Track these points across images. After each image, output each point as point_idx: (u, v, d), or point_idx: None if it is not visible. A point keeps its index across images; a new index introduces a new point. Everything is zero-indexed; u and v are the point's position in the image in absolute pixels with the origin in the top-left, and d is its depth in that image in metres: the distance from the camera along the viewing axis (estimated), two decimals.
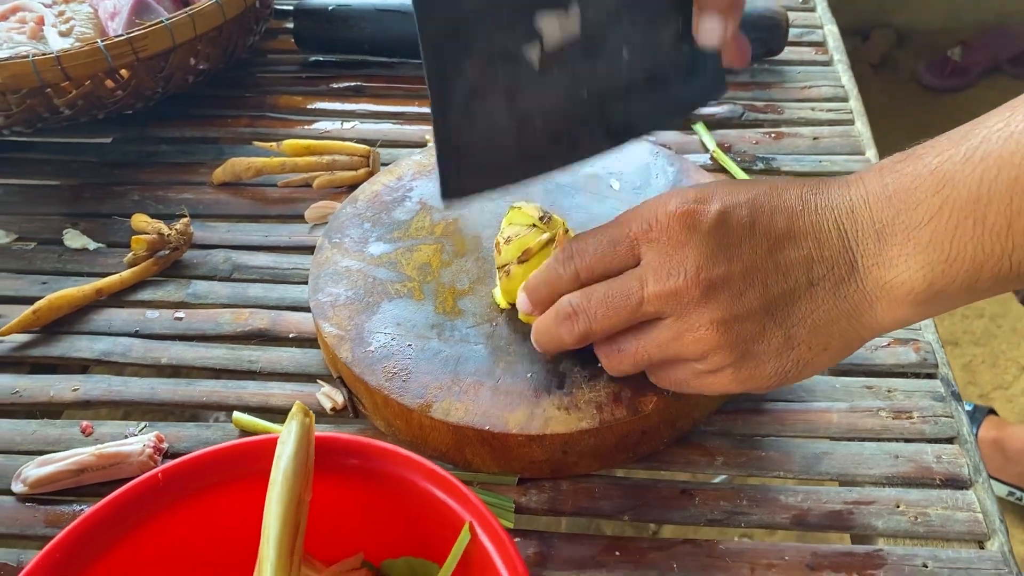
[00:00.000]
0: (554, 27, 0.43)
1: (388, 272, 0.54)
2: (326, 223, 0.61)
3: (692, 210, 0.39)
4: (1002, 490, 1.21)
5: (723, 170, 0.67)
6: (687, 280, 0.39)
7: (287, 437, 0.38)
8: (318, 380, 0.53)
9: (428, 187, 0.60)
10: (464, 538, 0.36)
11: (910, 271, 0.37)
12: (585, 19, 0.44)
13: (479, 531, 0.36)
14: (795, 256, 0.38)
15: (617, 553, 0.44)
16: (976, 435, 1.22)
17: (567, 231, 0.49)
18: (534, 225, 0.49)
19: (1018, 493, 1.21)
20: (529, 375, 0.47)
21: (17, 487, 0.48)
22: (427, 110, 0.74)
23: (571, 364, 0.48)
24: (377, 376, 0.48)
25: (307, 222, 0.64)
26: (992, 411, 1.26)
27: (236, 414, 0.51)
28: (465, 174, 0.45)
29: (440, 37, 0.41)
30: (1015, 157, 0.33)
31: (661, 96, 0.48)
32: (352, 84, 0.78)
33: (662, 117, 0.50)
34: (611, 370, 0.45)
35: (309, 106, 0.76)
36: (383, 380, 0.48)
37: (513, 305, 0.50)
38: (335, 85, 0.79)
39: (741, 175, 0.65)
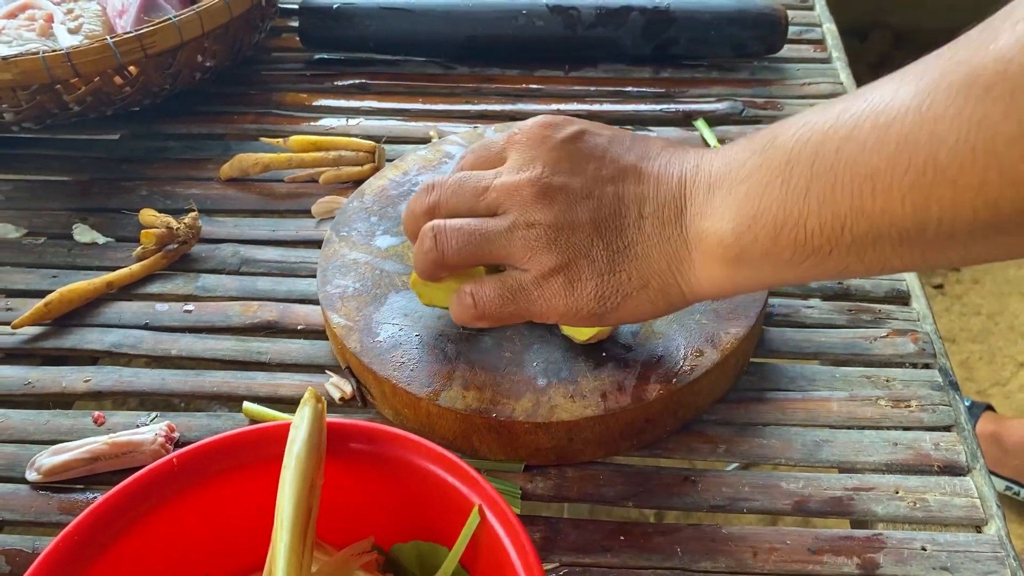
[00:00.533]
0: None
1: (395, 264, 0.55)
2: (333, 217, 0.62)
3: (555, 122, 0.43)
4: (1000, 485, 1.22)
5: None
6: (530, 178, 0.42)
7: (300, 422, 0.38)
8: (327, 371, 0.54)
9: None
10: (473, 521, 0.37)
11: (723, 221, 0.38)
12: None
13: (489, 514, 0.37)
14: (633, 190, 0.41)
15: (622, 538, 0.45)
16: (974, 430, 1.24)
17: None
18: None
19: (1016, 488, 1.22)
20: (535, 363, 0.48)
21: (31, 475, 0.49)
22: (431, 107, 0.75)
23: (576, 353, 0.49)
24: (385, 366, 0.49)
25: (314, 216, 0.65)
26: (989, 407, 1.27)
27: (246, 404, 0.51)
28: None
29: None
30: (826, 124, 0.35)
31: None
32: (357, 81, 0.79)
33: None
34: (441, 252, 0.44)
35: (314, 103, 0.77)
36: (391, 370, 0.48)
37: None
38: (340, 82, 0.79)
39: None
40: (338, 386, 0.52)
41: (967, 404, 1.26)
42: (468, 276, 0.46)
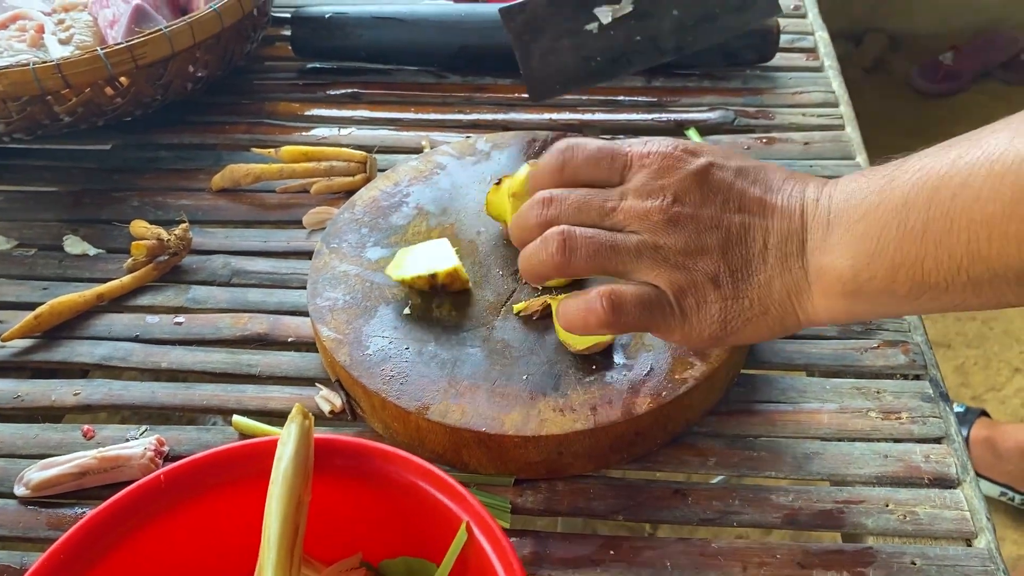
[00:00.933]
0: (607, 13, 0.66)
1: (385, 277, 0.55)
2: (324, 228, 0.62)
3: (687, 153, 0.43)
4: (994, 490, 1.22)
5: None
6: (660, 206, 0.42)
7: (287, 439, 0.38)
8: (317, 384, 0.53)
9: (425, 192, 0.61)
10: (461, 538, 0.37)
11: (842, 259, 0.39)
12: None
13: (476, 531, 0.37)
14: (759, 222, 0.42)
15: (612, 552, 0.45)
16: (968, 436, 1.24)
17: None
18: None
19: (1010, 493, 1.22)
20: (525, 377, 0.48)
21: (19, 490, 0.48)
22: (423, 116, 0.76)
23: (566, 366, 0.49)
24: (375, 379, 0.48)
25: (305, 227, 0.65)
26: (984, 412, 1.27)
27: (236, 417, 0.51)
28: (542, 90, 0.69)
29: (519, 30, 0.68)
30: (941, 170, 0.36)
31: (711, 26, 0.65)
32: (349, 91, 0.79)
33: (711, 39, 0.66)
34: (568, 256, 0.43)
35: (306, 113, 0.77)
36: (381, 383, 0.48)
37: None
38: (332, 92, 0.79)
39: None
40: (328, 399, 0.52)
41: (962, 409, 1.26)
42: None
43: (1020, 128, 0.35)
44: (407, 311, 0.52)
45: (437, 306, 0.53)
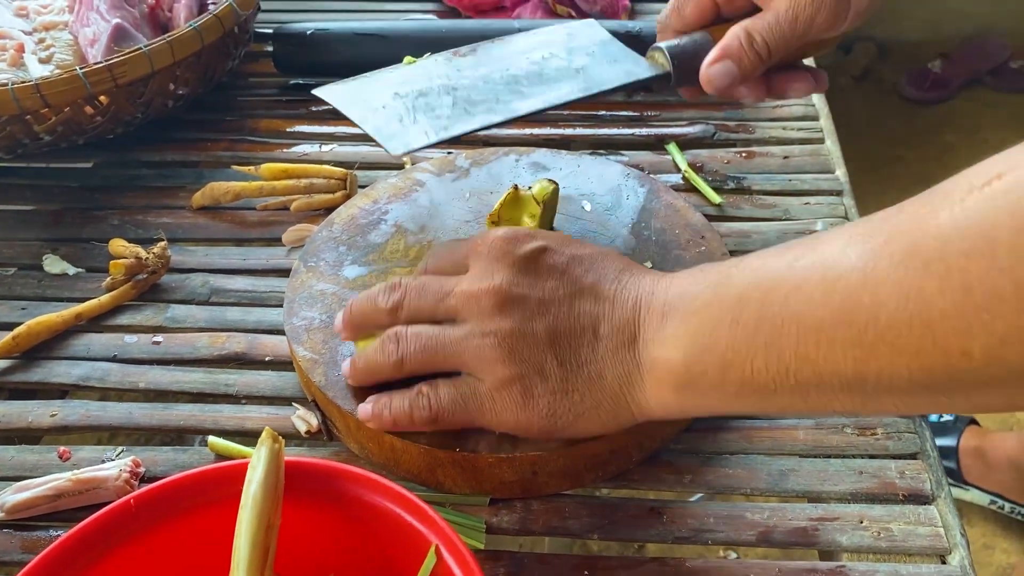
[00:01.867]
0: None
1: None
2: (303, 246, 0.62)
3: (518, 238, 0.45)
4: (984, 499, 1.23)
5: (695, 190, 0.68)
6: (490, 288, 0.43)
7: (257, 463, 0.38)
8: (293, 403, 0.53)
9: (403, 210, 0.61)
10: (430, 561, 0.37)
11: (675, 351, 0.39)
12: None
13: (445, 553, 0.37)
14: (590, 309, 0.42)
15: (586, 572, 0.45)
16: (958, 445, 1.24)
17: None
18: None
19: (1000, 502, 1.22)
20: None
21: None
22: None
23: None
24: (349, 400, 0.48)
25: (285, 245, 0.65)
26: (974, 421, 1.27)
27: (211, 439, 0.51)
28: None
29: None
30: (777, 271, 0.37)
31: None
32: (331, 107, 0.79)
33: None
34: (401, 356, 0.45)
35: (289, 129, 0.77)
36: (356, 404, 0.48)
37: None
38: (315, 108, 0.80)
39: (712, 195, 0.67)
40: (304, 419, 0.52)
41: (951, 418, 1.27)
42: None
43: (853, 236, 0.35)
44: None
45: None
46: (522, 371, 0.41)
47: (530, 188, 0.57)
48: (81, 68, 0.64)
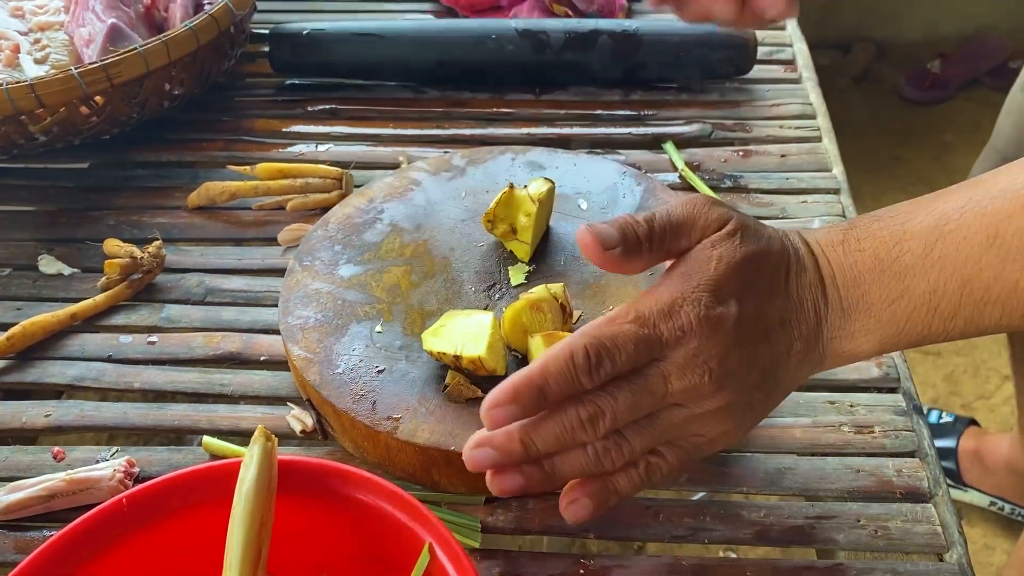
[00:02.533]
0: None
1: (358, 294, 0.55)
2: (299, 245, 0.61)
3: (719, 316, 0.40)
4: (984, 500, 1.22)
5: (692, 188, 0.67)
6: (711, 377, 0.39)
7: (249, 461, 0.38)
8: (288, 403, 0.53)
9: (399, 209, 0.61)
10: (424, 559, 0.37)
11: (867, 343, 0.41)
12: None
13: (439, 551, 0.37)
14: (782, 337, 0.42)
15: (582, 572, 0.45)
16: (957, 446, 1.23)
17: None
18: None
19: (1000, 503, 1.21)
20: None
21: None
22: (401, 131, 0.75)
23: None
24: (344, 398, 0.48)
25: (280, 244, 0.65)
26: (973, 421, 1.26)
27: (206, 439, 0.51)
28: None
29: None
30: (968, 262, 0.38)
31: None
32: (327, 107, 0.79)
33: None
34: (658, 477, 0.41)
35: (285, 129, 0.77)
36: (350, 402, 0.48)
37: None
38: (311, 108, 0.79)
39: (709, 193, 0.66)
40: (299, 418, 0.52)
41: (951, 419, 1.26)
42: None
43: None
44: (379, 329, 0.52)
45: (409, 324, 0.53)
46: (740, 415, 0.41)
47: (526, 187, 0.56)
48: (76, 68, 0.64)
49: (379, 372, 0.50)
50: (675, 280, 0.41)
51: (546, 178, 0.57)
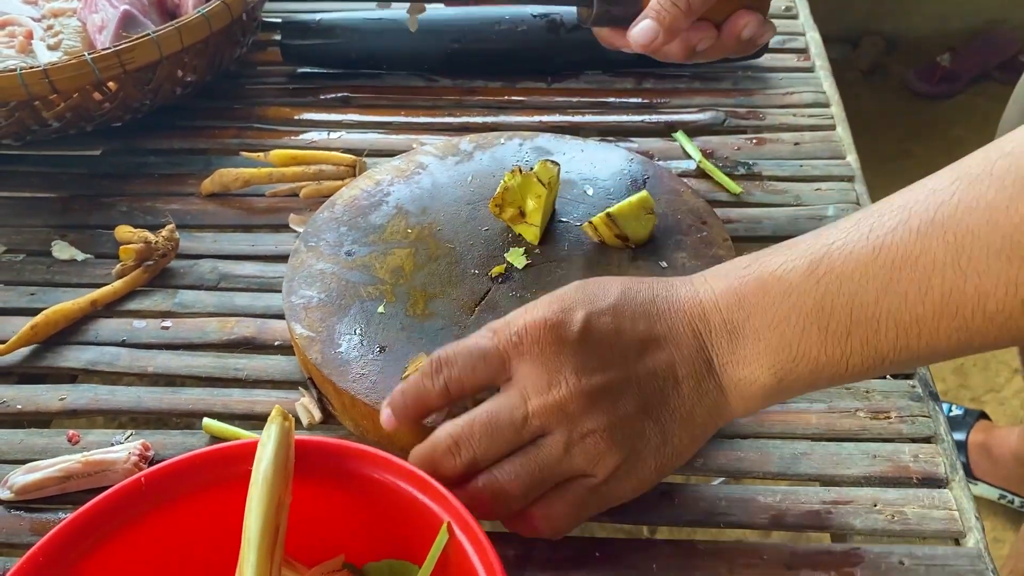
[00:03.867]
0: None
1: (361, 275, 0.55)
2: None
3: (560, 320, 0.40)
4: (993, 493, 1.22)
5: (705, 176, 0.67)
6: (570, 390, 0.39)
7: (267, 440, 0.38)
8: (300, 388, 0.53)
9: (405, 192, 0.61)
10: (442, 538, 0.37)
11: (761, 369, 0.39)
12: None
13: (457, 531, 0.37)
14: (661, 358, 0.40)
15: (597, 554, 0.45)
16: (967, 439, 1.23)
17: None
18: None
19: (1009, 496, 1.21)
20: None
21: (3, 493, 0.48)
22: (413, 119, 0.75)
23: None
24: (345, 377, 0.48)
25: (291, 227, 0.65)
26: (983, 415, 1.26)
27: (206, 420, 0.51)
28: None
29: None
30: (855, 274, 0.37)
31: None
32: (339, 95, 0.79)
33: None
34: (508, 506, 0.41)
35: (297, 117, 0.77)
36: (351, 381, 0.48)
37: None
38: (323, 96, 0.79)
39: (728, 183, 0.66)
40: (308, 409, 0.52)
41: (961, 412, 1.26)
42: None
43: (923, 229, 0.36)
44: (381, 310, 0.52)
45: (411, 305, 0.53)
46: (629, 449, 0.40)
47: (532, 169, 0.56)
48: (90, 54, 0.64)
49: (380, 352, 0.50)
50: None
51: (552, 161, 0.56)
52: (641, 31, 0.54)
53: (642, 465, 0.40)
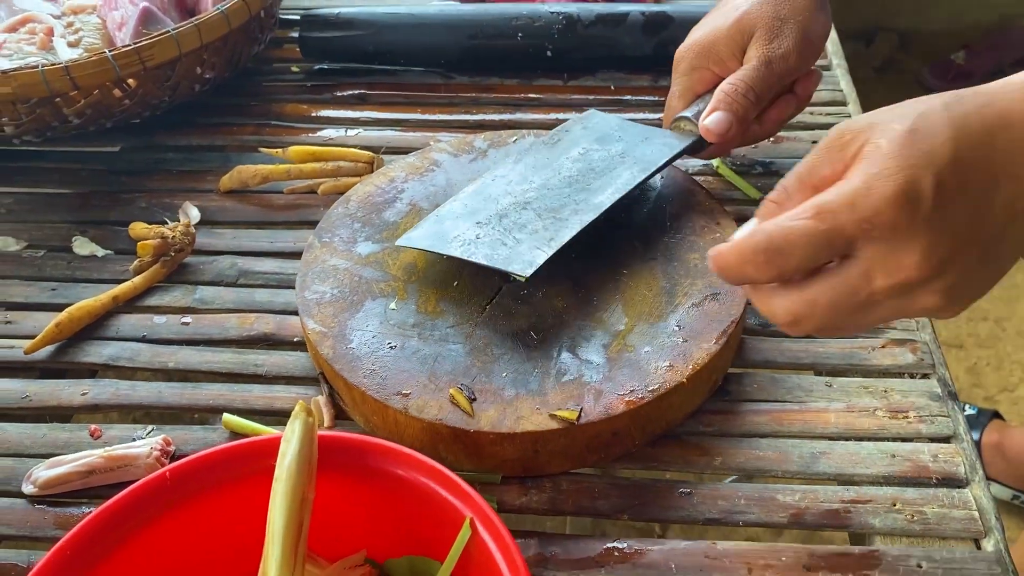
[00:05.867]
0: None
1: (374, 271, 0.55)
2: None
3: (912, 198, 0.36)
4: (1006, 493, 1.21)
5: (719, 175, 0.67)
6: (920, 269, 0.37)
7: (291, 435, 0.38)
8: (321, 383, 0.54)
9: (419, 189, 0.61)
10: (465, 534, 0.37)
11: None
12: None
13: (480, 527, 0.37)
14: (1000, 201, 0.37)
15: (616, 553, 0.45)
16: (980, 440, 1.23)
17: None
18: None
19: (1022, 496, 1.21)
20: (504, 374, 0.48)
21: (27, 488, 0.49)
22: (430, 117, 0.75)
23: (546, 366, 0.49)
24: (356, 373, 0.49)
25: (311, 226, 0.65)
26: (997, 414, 1.26)
27: (226, 416, 0.51)
28: None
29: None
30: None
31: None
32: (356, 92, 0.79)
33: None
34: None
35: (314, 114, 0.77)
36: (362, 377, 0.49)
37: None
38: (339, 93, 0.80)
39: (746, 187, 0.66)
40: (319, 407, 0.52)
41: (974, 412, 1.25)
42: None
43: None
44: (393, 306, 0.53)
45: (423, 302, 0.53)
46: (959, 294, 0.38)
47: None
48: (110, 51, 0.64)
49: (391, 348, 0.50)
50: (860, 166, 0.38)
51: None
52: (715, 121, 0.57)
53: (970, 298, 0.39)
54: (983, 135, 0.38)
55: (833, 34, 0.84)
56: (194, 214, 0.66)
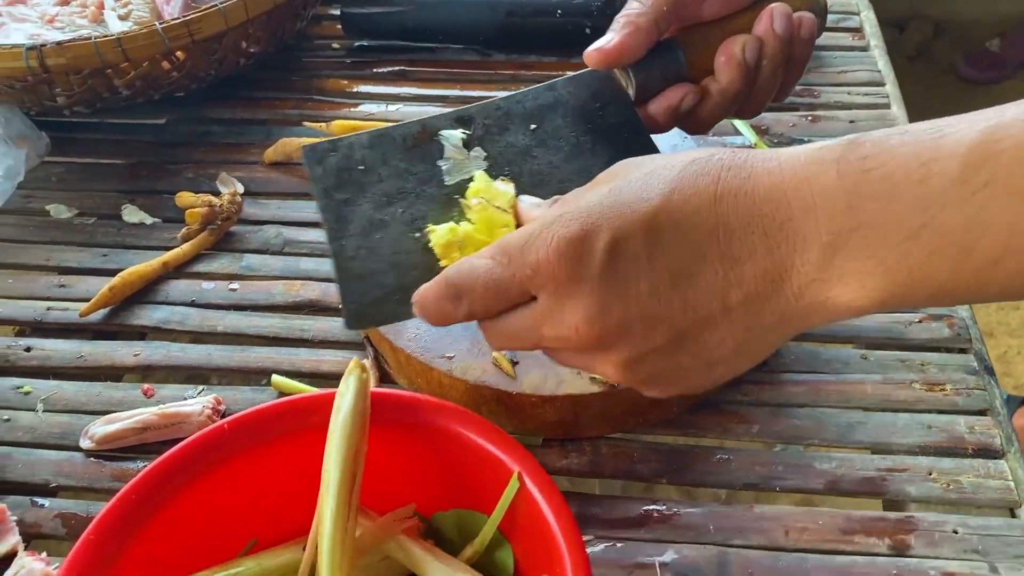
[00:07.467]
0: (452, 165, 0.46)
1: None
2: None
3: (578, 251, 0.33)
4: None
5: None
6: (580, 332, 0.34)
7: (345, 391, 0.40)
8: (367, 348, 0.55)
9: None
10: (512, 487, 0.38)
11: (862, 291, 0.31)
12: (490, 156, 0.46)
13: (527, 481, 0.38)
14: (704, 285, 0.33)
15: (655, 514, 0.46)
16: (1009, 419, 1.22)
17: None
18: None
19: None
20: None
21: (85, 443, 0.51)
22: (469, 93, 0.76)
23: None
24: (401, 336, 0.50)
25: None
26: None
27: (275, 377, 0.53)
28: (367, 302, 0.42)
29: (331, 183, 0.45)
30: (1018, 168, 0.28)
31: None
32: (396, 68, 0.80)
33: None
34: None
35: (354, 89, 0.78)
36: (407, 340, 0.50)
37: None
38: (379, 69, 0.81)
39: None
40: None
41: (1004, 398, 1.25)
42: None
43: None
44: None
45: None
46: (655, 378, 0.36)
47: (479, 200, 0.46)
48: (160, 23, 0.66)
49: None
50: (554, 208, 0.36)
51: (503, 176, 0.46)
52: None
53: (675, 388, 0.36)
54: (710, 204, 0.33)
55: (871, 15, 0.84)
56: (235, 185, 0.68)
